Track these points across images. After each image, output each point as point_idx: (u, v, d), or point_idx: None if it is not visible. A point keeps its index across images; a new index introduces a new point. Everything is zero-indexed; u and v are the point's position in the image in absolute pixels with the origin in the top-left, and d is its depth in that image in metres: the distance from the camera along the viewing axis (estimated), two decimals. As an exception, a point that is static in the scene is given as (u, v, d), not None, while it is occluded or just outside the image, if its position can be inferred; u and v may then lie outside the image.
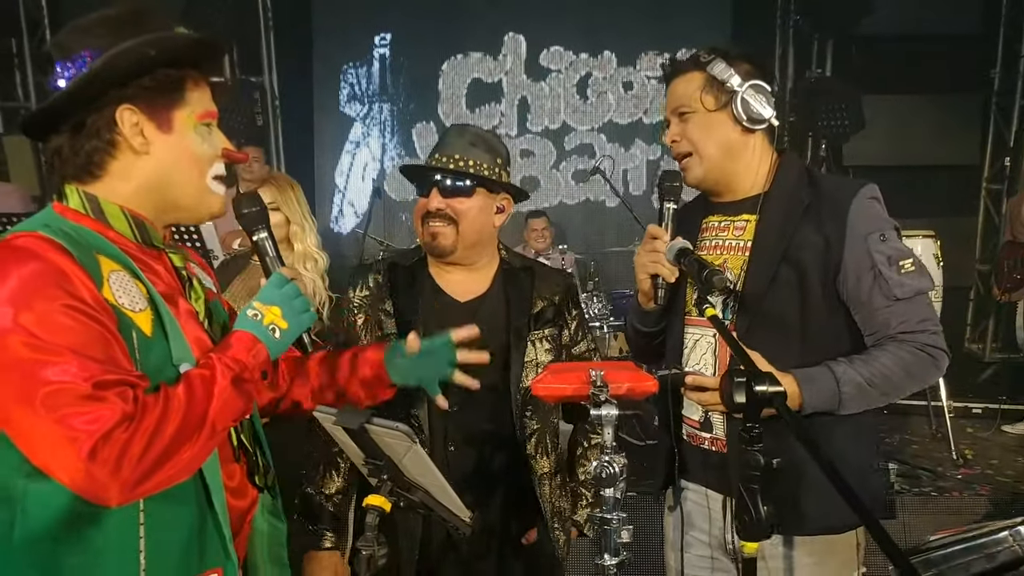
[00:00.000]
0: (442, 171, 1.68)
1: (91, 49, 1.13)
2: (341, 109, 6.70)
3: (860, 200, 1.57)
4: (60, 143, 1.16)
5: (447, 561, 1.70)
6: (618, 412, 1.28)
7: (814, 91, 5.81)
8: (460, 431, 1.69)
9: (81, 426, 0.98)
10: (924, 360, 1.53)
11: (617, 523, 1.27)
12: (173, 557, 1.13)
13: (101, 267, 1.10)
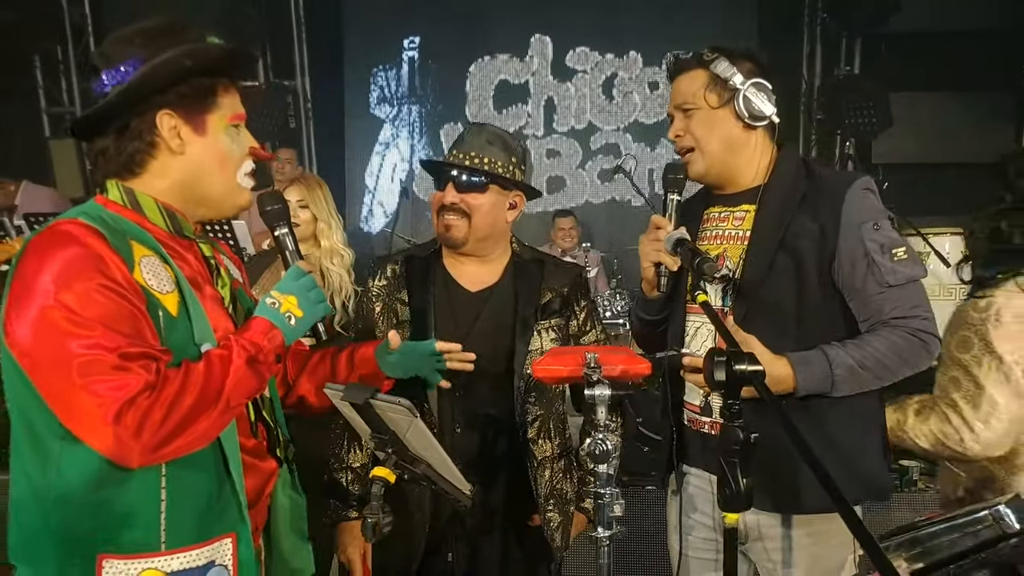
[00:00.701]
0: (458, 167, 1.76)
1: (133, 58, 1.24)
2: (371, 111, 6.85)
3: (855, 191, 1.61)
4: (106, 144, 1.27)
5: (453, 536, 1.78)
6: (611, 392, 1.35)
7: (841, 89, 5.79)
8: (465, 415, 1.77)
9: (108, 392, 1.08)
10: (915, 344, 1.57)
11: (610, 498, 1.32)
12: (191, 519, 1.23)
13: (133, 252, 1.20)
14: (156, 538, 1.19)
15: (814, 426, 1.59)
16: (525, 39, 6.67)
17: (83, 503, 1.17)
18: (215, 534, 1.25)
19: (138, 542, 1.19)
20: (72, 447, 1.15)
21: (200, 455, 1.22)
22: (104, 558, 1.17)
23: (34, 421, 1.18)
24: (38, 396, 1.15)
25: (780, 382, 1.53)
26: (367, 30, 6.75)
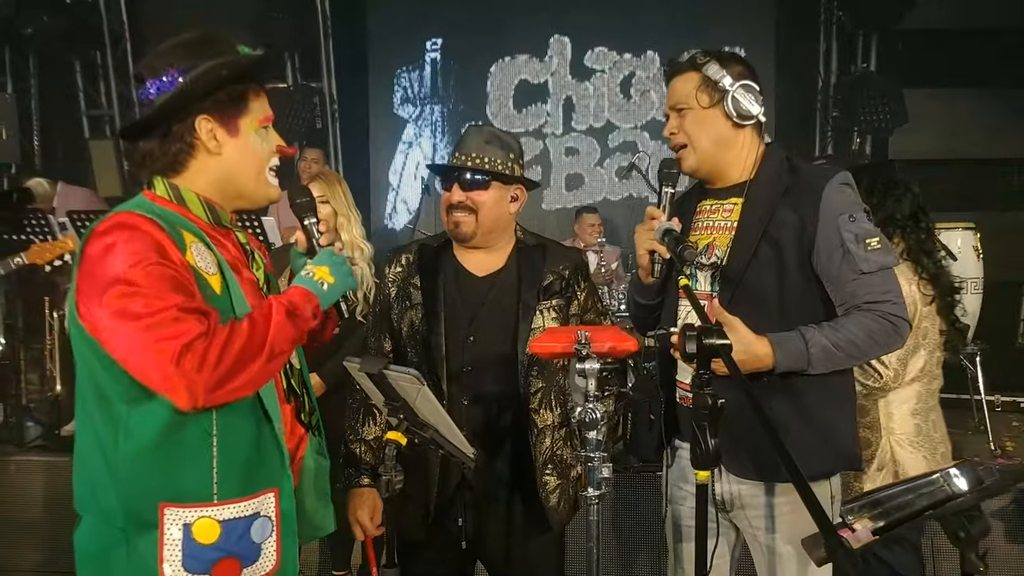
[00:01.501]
0: (461, 169, 1.91)
1: (174, 69, 1.38)
2: (395, 111, 7.03)
3: (832, 185, 1.73)
4: (151, 147, 1.41)
5: (462, 501, 1.92)
6: (599, 366, 1.50)
7: (856, 86, 5.82)
8: (473, 388, 1.90)
9: (168, 341, 1.23)
10: (886, 327, 1.68)
11: (599, 461, 1.48)
12: (239, 474, 1.37)
13: (184, 238, 1.35)
14: (209, 490, 1.34)
15: (793, 402, 1.71)
16: (544, 40, 6.79)
17: (146, 458, 1.32)
18: (260, 488, 1.40)
19: (194, 493, 1.34)
20: (137, 410, 1.31)
21: (245, 416, 1.37)
22: (165, 506, 1.32)
23: (104, 388, 1.33)
24: (108, 365, 1.30)
25: (760, 359, 1.64)
26: (391, 33, 6.92)
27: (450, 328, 1.91)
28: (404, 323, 1.97)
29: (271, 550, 1.40)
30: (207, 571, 1.34)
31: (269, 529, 1.40)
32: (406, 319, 1.96)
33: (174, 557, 1.32)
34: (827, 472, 1.77)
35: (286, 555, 1.43)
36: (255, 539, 1.38)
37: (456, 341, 1.91)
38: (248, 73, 1.44)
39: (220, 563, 1.34)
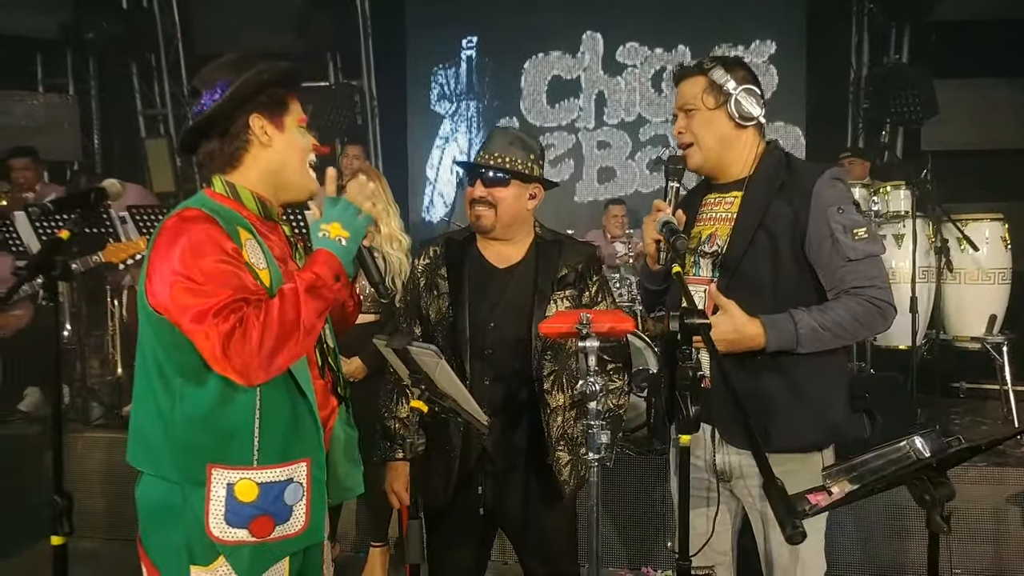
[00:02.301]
0: (484, 167, 2.08)
1: (222, 81, 1.57)
2: (432, 107, 7.21)
3: (824, 180, 1.86)
4: (212, 147, 1.60)
5: (481, 472, 2.08)
6: (599, 344, 1.66)
7: (886, 78, 5.84)
8: (494, 369, 2.06)
9: (215, 333, 1.40)
10: (872, 310, 1.81)
11: (598, 428, 1.63)
12: (277, 443, 1.52)
13: (240, 236, 1.51)
14: (251, 456, 1.50)
15: (786, 379, 1.85)
16: (577, 36, 6.90)
17: (199, 425, 1.48)
18: (295, 457, 1.55)
19: (237, 457, 1.50)
20: (190, 382, 1.48)
21: (284, 392, 1.52)
22: (212, 467, 1.48)
23: (163, 363, 1.49)
24: (167, 346, 1.47)
25: (752, 339, 1.79)
26: (428, 32, 7.11)
27: (473, 315, 2.07)
28: (432, 310, 2.13)
29: (301, 512, 1.55)
30: (245, 526, 1.50)
31: (301, 494, 1.55)
32: (434, 307, 2.12)
33: (218, 511, 1.48)
34: (817, 445, 1.90)
35: (314, 517, 1.58)
36: (288, 501, 1.54)
37: (478, 326, 2.07)
38: (285, 78, 1.62)
39: (257, 520, 1.50)
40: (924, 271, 4.57)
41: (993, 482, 3.52)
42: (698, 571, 2.00)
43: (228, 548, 1.49)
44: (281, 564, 1.56)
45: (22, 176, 5.28)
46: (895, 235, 4.65)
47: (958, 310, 4.59)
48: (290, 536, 1.55)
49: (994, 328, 4.52)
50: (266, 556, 1.53)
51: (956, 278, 4.53)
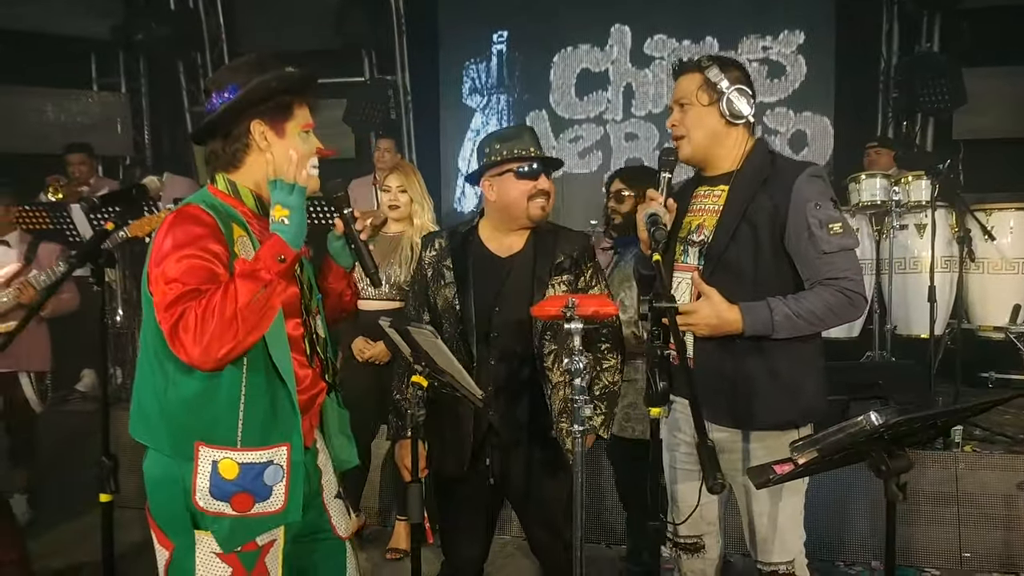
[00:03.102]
0: (545, 160, 2.24)
1: (234, 84, 1.66)
2: (463, 101, 7.33)
3: (804, 177, 1.97)
4: (216, 146, 1.70)
5: (490, 446, 2.24)
6: (583, 326, 1.81)
7: (914, 67, 5.78)
8: (499, 351, 2.22)
9: (165, 324, 1.51)
10: (843, 300, 1.91)
11: (582, 402, 1.77)
12: (258, 428, 1.62)
13: (234, 232, 1.62)
14: (234, 437, 1.60)
15: (764, 362, 1.98)
16: (605, 29, 6.95)
17: (188, 406, 1.59)
18: (275, 441, 1.64)
19: (222, 438, 1.60)
20: (180, 368, 1.57)
21: (266, 382, 1.62)
22: (200, 445, 1.59)
23: (158, 348, 1.59)
24: (158, 330, 1.55)
25: (730, 324, 1.91)
26: (460, 28, 7.25)
27: (478, 301, 2.22)
28: (439, 299, 2.27)
29: (280, 492, 1.64)
30: (227, 500, 1.60)
31: (280, 475, 1.64)
32: (441, 295, 2.27)
33: (204, 485, 1.59)
34: (792, 423, 2.01)
35: (293, 498, 1.66)
36: (268, 482, 1.63)
37: (483, 311, 2.22)
38: (293, 87, 1.70)
39: (237, 495, 1.60)
40: (947, 260, 4.60)
41: (1004, 468, 3.56)
42: (687, 540, 2.19)
43: (210, 518, 1.61)
44: (274, 533, 1.67)
45: (78, 170, 5.58)
46: (917, 225, 4.67)
47: (981, 299, 4.60)
48: (268, 513, 1.64)
49: (1018, 318, 4.52)
50: (245, 530, 1.63)
51: (979, 267, 4.53)
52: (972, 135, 6.01)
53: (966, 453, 3.66)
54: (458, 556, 2.36)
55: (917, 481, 3.61)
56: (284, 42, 6.79)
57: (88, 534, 3.94)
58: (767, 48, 6.65)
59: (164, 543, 1.66)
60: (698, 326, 1.93)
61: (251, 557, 1.64)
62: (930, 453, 3.64)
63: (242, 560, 1.63)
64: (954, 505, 3.56)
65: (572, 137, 7.11)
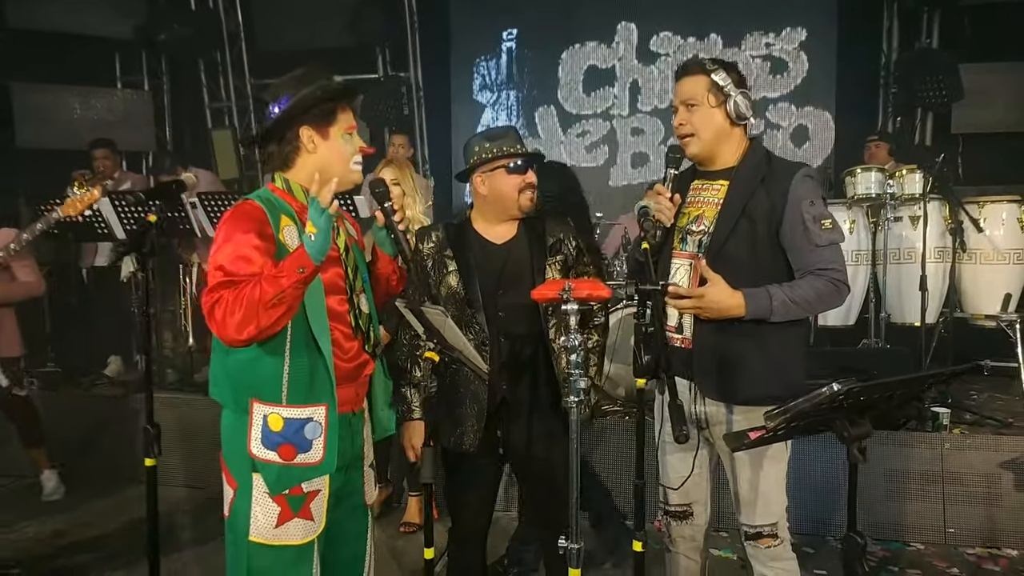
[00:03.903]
0: (535, 156, 2.45)
1: (285, 96, 1.90)
2: (474, 97, 7.51)
3: (798, 177, 2.12)
4: (272, 149, 1.94)
5: (502, 415, 2.42)
6: (578, 307, 2.01)
7: (912, 63, 5.92)
8: (507, 327, 2.40)
9: (205, 305, 1.76)
10: (831, 288, 2.09)
11: (577, 375, 1.94)
12: (300, 389, 1.85)
13: (280, 221, 1.84)
14: (280, 395, 1.84)
15: (755, 344, 2.13)
16: (612, 27, 7.10)
17: (244, 369, 1.86)
18: (314, 402, 1.86)
19: (271, 396, 1.84)
20: None
21: (306, 352, 1.84)
22: (253, 401, 1.85)
23: None
24: None
25: (734, 308, 2.05)
26: (470, 25, 7.42)
27: (483, 285, 2.40)
28: (443, 287, 2.41)
29: (319, 446, 1.87)
30: (275, 449, 1.85)
31: (319, 432, 1.87)
32: (444, 284, 2.41)
33: (256, 435, 1.85)
34: (777, 398, 2.11)
35: (329, 452, 1.88)
36: (308, 436, 1.86)
37: (489, 294, 2.40)
38: (335, 95, 1.93)
39: (282, 446, 1.85)
40: (940, 251, 4.75)
41: (987, 449, 3.72)
42: (677, 508, 2.37)
43: (260, 464, 1.86)
44: (320, 480, 1.90)
45: (102, 164, 5.77)
46: (911, 217, 4.83)
47: (974, 289, 4.75)
48: (308, 464, 1.87)
49: (1009, 307, 4.66)
50: (289, 477, 1.86)
51: (972, 258, 4.68)
52: (971, 129, 6.15)
53: (951, 435, 3.82)
54: (467, 524, 2.55)
55: (905, 461, 3.79)
56: (301, 40, 6.99)
57: (119, 508, 4.23)
58: (770, 45, 6.81)
59: (230, 482, 1.91)
60: (704, 309, 2.09)
61: (298, 501, 1.88)
62: (918, 435, 3.82)
63: (290, 503, 1.87)
64: (939, 484, 3.73)
65: (579, 132, 7.29)
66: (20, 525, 4.02)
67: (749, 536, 2.25)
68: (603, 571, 3.43)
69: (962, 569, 3.43)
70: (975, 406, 4.38)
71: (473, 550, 2.58)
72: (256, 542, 1.87)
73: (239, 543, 1.89)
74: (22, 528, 3.99)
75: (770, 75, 6.81)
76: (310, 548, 1.91)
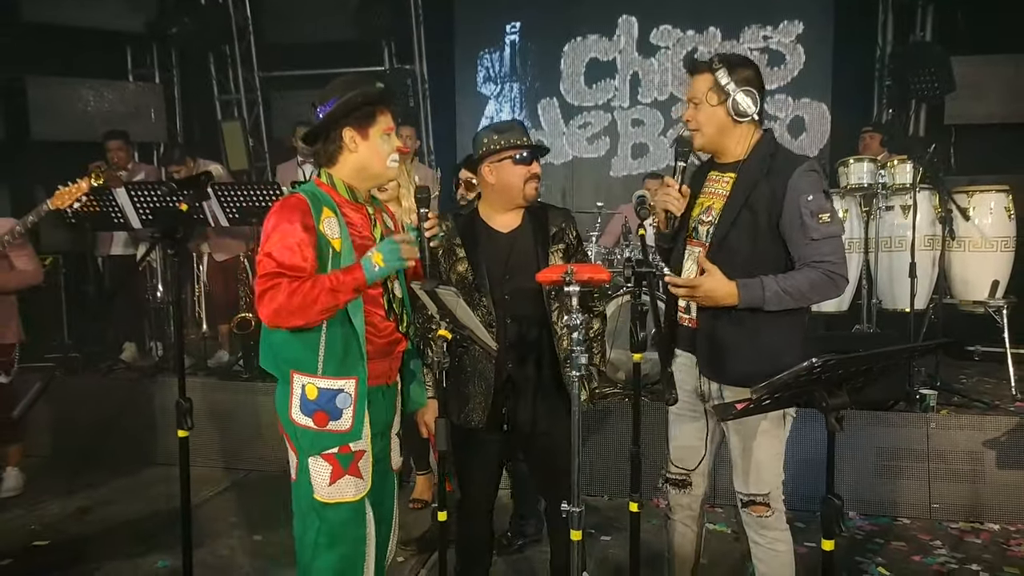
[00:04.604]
0: (539, 148, 2.60)
1: (335, 97, 2.09)
2: (478, 89, 7.68)
3: (800, 171, 2.19)
4: (319, 148, 2.14)
5: (508, 391, 2.57)
6: (580, 289, 2.16)
7: (905, 56, 6.04)
8: (513, 310, 2.55)
9: (259, 288, 1.97)
10: (826, 280, 2.16)
11: (579, 352, 2.08)
12: (334, 362, 2.06)
13: (323, 214, 2.04)
14: (316, 368, 2.06)
15: (751, 331, 2.25)
16: (613, 20, 7.25)
17: (286, 343, 2.08)
18: (346, 375, 2.07)
19: (308, 367, 2.06)
20: None
21: (341, 329, 2.04)
22: (294, 373, 2.08)
23: None
24: None
25: (728, 297, 2.16)
26: (474, 19, 7.58)
27: (490, 271, 2.56)
28: (453, 273, 2.55)
29: (348, 415, 2.08)
30: (311, 415, 2.07)
31: (349, 402, 2.07)
32: (453, 270, 2.55)
33: (296, 403, 2.07)
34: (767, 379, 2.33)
35: (357, 421, 2.09)
36: (339, 405, 2.07)
37: (496, 279, 2.55)
38: (374, 100, 2.12)
39: (317, 413, 2.06)
40: (930, 239, 4.90)
41: (971, 428, 3.89)
42: (676, 476, 2.52)
43: (298, 429, 2.08)
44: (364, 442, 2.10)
45: (116, 156, 5.90)
46: (902, 206, 4.98)
47: (962, 276, 4.89)
48: (339, 432, 2.08)
49: (996, 293, 4.80)
50: (322, 441, 2.06)
51: (961, 246, 4.82)
52: (964, 120, 6.28)
53: (937, 415, 3.99)
54: (476, 493, 2.73)
55: (893, 440, 3.96)
56: (308, 34, 7.14)
57: (137, 489, 4.41)
58: (768, 38, 6.95)
59: (293, 449, 2.12)
60: (699, 298, 2.23)
61: (347, 459, 2.08)
62: (906, 416, 3.99)
63: (340, 460, 2.08)
64: (925, 462, 3.90)
65: (581, 123, 7.44)
66: (44, 502, 4.22)
67: (744, 503, 2.37)
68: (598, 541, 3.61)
69: (945, 542, 3.58)
70: (964, 389, 4.54)
71: (481, 521, 2.74)
72: (320, 501, 2.08)
73: (305, 503, 2.10)
74: (46, 505, 4.17)
75: (768, 67, 6.94)
76: (363, 505, 2.12)
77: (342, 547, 2.10)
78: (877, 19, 6.49)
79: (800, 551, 2.24)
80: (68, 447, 4.99)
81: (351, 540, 2.11)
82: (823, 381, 1.95)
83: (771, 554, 2.34)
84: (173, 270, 2.44)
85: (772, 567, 2.34)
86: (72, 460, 4.86)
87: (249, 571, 3.36)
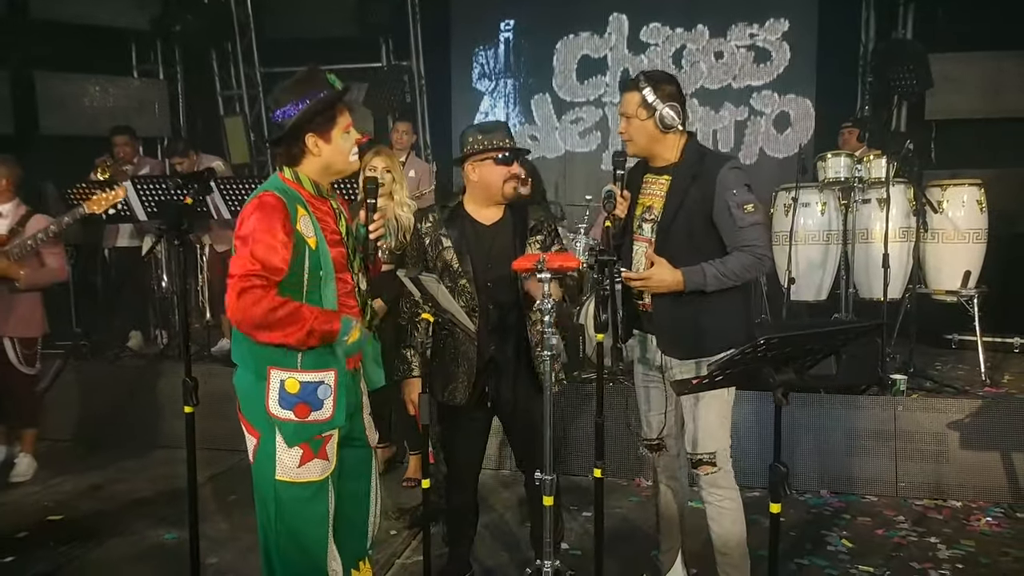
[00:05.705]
0: (522, 151, 2.80)
1: (290, 103, 2.13)
2: (473, 85, 7.83)
3: (725, 169, 2.48)
4: (282, 150, 2.19)
5: (489, 373, 2.76)
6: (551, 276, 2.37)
7: (884, 53, 6.21)
8: (493, 298, 2.75)
9: (232, 288, 2.01)
10: (754, 261, 2.46)
11: (550, 333, 2.29)
12: (313, 356, 2.11)
13: (297, 213, 2.09)
14: (295, 363, 2.11)
15: (704, 307, 2.51)
16: (604, 18, 7.41)
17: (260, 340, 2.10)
18: (323, 367, 2.14)
19: (286, 363, 2.11)
20: None
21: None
22: (271, 368, 2.11)
23: None
24: None
25: (675, 284, 2.44)
26: (470, 16, 7.74)
27: (474, 260, 2.75)
28: (439, 261, 2.72)
29: (329, 405, 2.15)
30: (291, 408, 2.11)
31: (329, 393, 2.15)
32: (440, 259, 2.72)
33: (274, 397, 2.11)
34: (722, 348, 2.49)
35: (338, 409, 2.17)
36: (320, 396, 2.14)
37: (480, 268, 2.74)
38: (334, 102, 2.17)
39: (298, 405, 2.11)
40: (904, 231, 5.09)
41: (936, 410, 4.08)
42: (651, 441, 2.79)
43: (278, 422, 2.13)
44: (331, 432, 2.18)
45: (122, 151, 6.06)
46: (878, 199, 5.15)
47: (936, 267, 5.09)
48: (320, 420, 2.16)
49: (968, 283, 4.99)
50: (304, 431, 2.14)
51: (934, 238, 5.01)
52: (945, 115, 6.45)
53: (904, 397, 4.18)
54: (460, 468, 2.95)
55: (861, 421, 4.14)
56: (308, 30, 7.30)
57: (144, 469, 4.63)
58: (754, 35, 7.13)
59: (252, 432, 2.19)
60: (652, 287, 2.50)
61: (317, 444, 2.16)
62: (874, 399, 4.18)
63: (312, 445, 2.15)
64: (891, 441, 4.09)
65: (573, 118, 7.62)
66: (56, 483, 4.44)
67: (693, 463, 2.61)
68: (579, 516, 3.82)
69: (908, 517, 3.77)
70: (936, 375, 4.71)
71: (466, 491, 2.96)
72: (282, 480, 2.15)
73: (266, 483, 2.16)
74: (59, 484, 4.40)
75: (754, 64, 7.12)
76: (326, 483, 2.23)
77: (303, 524, 2.17)
78: (860, 17, 6.66)
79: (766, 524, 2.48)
80: (78, 430, 5.20)
81: (313, 518, 2.18)
82: (770, 359, 2.15)
83: (720, 511, 2.58)
84: (178, 261, 2.61)
85: (723, 525, 2.58)
86: (82, 442, 5.07)
87: (248, 544, 3.58)
